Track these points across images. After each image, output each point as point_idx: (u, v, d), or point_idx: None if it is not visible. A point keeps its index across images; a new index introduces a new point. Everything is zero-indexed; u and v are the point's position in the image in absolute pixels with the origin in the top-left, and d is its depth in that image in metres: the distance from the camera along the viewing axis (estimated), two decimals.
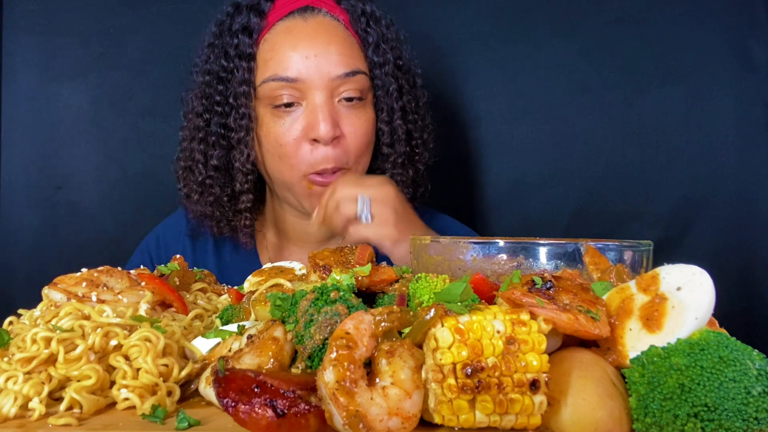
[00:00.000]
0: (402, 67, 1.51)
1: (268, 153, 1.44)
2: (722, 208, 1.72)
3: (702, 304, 0.68)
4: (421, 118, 1.55)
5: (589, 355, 0.68)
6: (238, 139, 1.44)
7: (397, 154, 1.49)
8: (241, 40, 1.42)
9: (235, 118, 1.44)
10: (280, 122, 1.41)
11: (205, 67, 1.47)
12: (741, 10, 1.71)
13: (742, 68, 1.71)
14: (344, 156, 1.41)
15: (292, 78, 1.38)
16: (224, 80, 1.45)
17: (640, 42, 1.76)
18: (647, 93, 1.76)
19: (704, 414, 0.59)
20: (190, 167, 1.51)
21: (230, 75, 1.44)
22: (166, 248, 1.64)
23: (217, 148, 1.47)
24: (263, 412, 0.61)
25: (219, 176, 1.49)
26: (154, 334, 0.77)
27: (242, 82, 1.41)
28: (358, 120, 1.43)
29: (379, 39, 1.47)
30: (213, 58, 1.46)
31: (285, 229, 1.60)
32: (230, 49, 1.43)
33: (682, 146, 1.74)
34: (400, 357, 0.64)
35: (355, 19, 1.47)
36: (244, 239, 1.53)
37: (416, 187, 1.58)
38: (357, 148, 1.43)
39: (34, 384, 0.72)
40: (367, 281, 0.86)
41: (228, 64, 1.44)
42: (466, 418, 0.62)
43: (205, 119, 1.48)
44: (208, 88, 1.47)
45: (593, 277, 0.85)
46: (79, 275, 0.93)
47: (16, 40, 1.93)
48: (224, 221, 1.52)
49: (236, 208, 1.50)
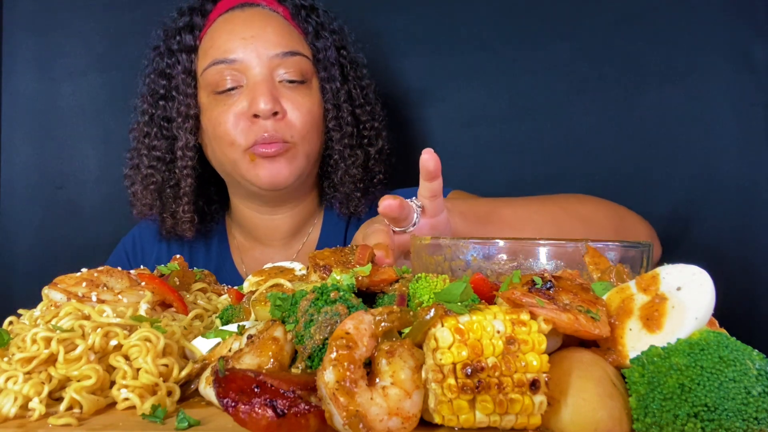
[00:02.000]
0: (346, 56, 1.56)
1: (212, 138, 1.47)
2: (722, 208, 1.72)
3: (702, 304, 0.68)
4: (369, 104, 1.59)
5: (589, 355, 0.68)
6: (178, 126, 1.49)
7: (344, 133, 1.52)
8: (183, 36, 1.50)
9: (177, 108, 1.49)
10: (222, 104, 1.44)
11: (150, 68, 1.55)
12: (741, 10, 1.70)
13: (742, 68, 1.71)
14: (287, 129, 1.43)
15: (231, 59, 1.43)
16: (167, 76, 1.51)
17: (639, 42, 1.76)
18: (647, 93, 1.76)
19: (704, 414, 0.59)
20: (136, 165, 1.56)
21: (173, 70, 1.50)
22: (142, 250, 1.68)
23: (159, 139, 1.52)
24: (263, 412, 0.61)
25: (161, 167, 1.53)
26: (154, 334, 0.77)
27: (184, 71, 1.48)
28: (301, 99, 1.46)
29: (319, 27, 1.53)
30: (158, 58, 1.53)
31: (249, 228, 1.63)
32: (174, 46, 1.50)
33: (682, 146, 1.74)
34: (400, 357, 0.64)
35: (294, 13, 1.52)
36: (184, 227, 1.55)
37: (370, 171, 1.60)
38: (301, 125, 1.45)
39: (34, 384, 0.72)
40: (367, 281, 0.86)
41: (171, 59, 1.50)
42: (466, 418, 0.62)
43: (149, 114, 1.53)
44: (152, 84, 1.53)
45: (593, 277, 0.85)
46: (79, 275, 0.93)
47: (16, 40, 1.93)
48: (167, 212, 1.55)
49: (177, 195, 1.53)
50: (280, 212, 1.58)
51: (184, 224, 1.54)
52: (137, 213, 1.59)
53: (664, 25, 1.75)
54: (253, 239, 1.64)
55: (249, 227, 1.62)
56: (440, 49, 1.85)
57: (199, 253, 1.65)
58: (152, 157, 1.52)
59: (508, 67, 1.83)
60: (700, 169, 1.74)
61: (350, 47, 1.58)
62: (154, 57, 1.54)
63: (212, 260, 1.64)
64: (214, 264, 1.63)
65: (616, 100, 1.78)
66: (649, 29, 1.75)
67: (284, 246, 1.62)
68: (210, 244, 1.66)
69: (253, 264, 1.62)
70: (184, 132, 1.48)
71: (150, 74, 1.54)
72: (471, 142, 1.86)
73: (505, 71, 1.83)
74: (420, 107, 1.87)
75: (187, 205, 1.52)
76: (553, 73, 1.80)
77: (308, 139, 1.47)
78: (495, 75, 1.84)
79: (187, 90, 1.47)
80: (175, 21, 1.53)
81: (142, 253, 1.67)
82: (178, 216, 1.53)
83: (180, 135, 1.48)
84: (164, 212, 1.55)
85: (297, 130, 1.44)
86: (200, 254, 1.65)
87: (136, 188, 1.56)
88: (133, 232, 1.71)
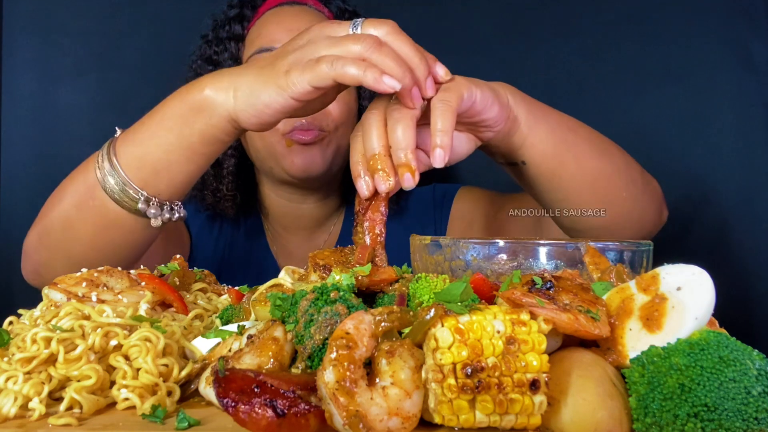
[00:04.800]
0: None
1: None
2: (722, 208, 1.72)
3: (702, 304, 0.68)
4: None
5: (589, 355, 0.68)
6: None
7: None
8: (232, 26, 1.55)
9: None
10: None
11: (198, 54, 1.59)
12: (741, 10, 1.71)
13: (742, 68, 1.71)
14: (323, 118, 1.46)
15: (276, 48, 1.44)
16: (214, 62, 1.55)
17: (640, 42, 1.76)
18: (647, 93, 1.76)
19: (704, 414, 0.59)
20: None
21: (220, 56, 1.55)
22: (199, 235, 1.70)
23: None
24: (263, 412, 0.61)
25: None
26: (154, 334, 0.77)
27: (230, 58, 1.53)
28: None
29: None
30: (206, 46, 1.58)
31: (277, 215, 1.66)
32: (222, 35, 1.55)
33: (682, 146, 1.74)
34: (400, 357, 0.64)
35: (338, 16, 1.58)
36: (226, 205, 1.60)
37: None
38: (337, 114, 1.48)
39: (34, 384, 0.72)
40: (367, 281, 0.86)
41: (219, 47, 1.55)
42: (466, 418, 0.62)
43: None
44: (198, 69, 1.56)
45: (593, 277, 0.85)
46: (79, 275, 0.93)
47: (16, 40, 1.93)
48: (208, 190, 1.59)
49: (220, 174, 1.58)
50: (309, 201, 1.62)
51: (226, 201, 1.59)
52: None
53: (664, 25, 1.75)
54: (280, 227, 1.68)
55: (277, 214, 1.66)
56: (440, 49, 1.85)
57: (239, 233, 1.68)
58: None
59: (508, 67, 1.83)
60: (700, 169, 1.74)
61: None
62: (202, 45, 1.60)
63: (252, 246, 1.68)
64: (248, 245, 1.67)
65: (616, 100, 1.78)
66: (649, 29, 1.75)
67: (308, 236, 1.67)
68: (249, 231, 1.69)
69: (281, 251, 1.67)
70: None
71: (197, 60, 1.59)
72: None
73: (505, 71, 1.83)
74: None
75: (230, 183, 1.57)
76: (553, 73, 1.80)
77: (342, 131, 1.50)
78: (495, 75, 1.83)
79: None
80: (225, 12, 1.59)
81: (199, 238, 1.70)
82: (221, 194, 1.58)
83: None
84: (205, 189, 1.59)
85: (332, 119, 1.48)
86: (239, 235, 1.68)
87: None
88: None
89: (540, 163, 1.12)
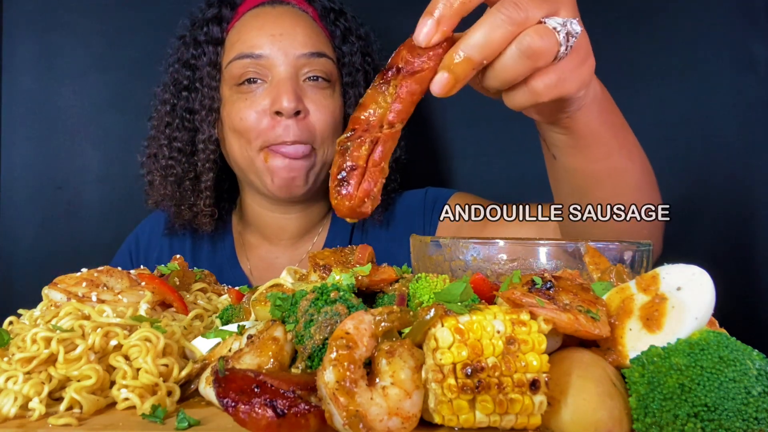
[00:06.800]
0: (370, 63, 1.55)
1: (230, 131, 1.46)
2: (722, 208, 1.72)
3: (702, 304, 0.68)
4: None
5: (589, 355, 0.68)
6: (201, 119, 1.47)
7: None
8: (210, 28, 1.48)
9: (200, 100, 1.47)
10: (244, 98, 1.43)
11: (175, 57, 1.53)
12: (741, 10, 1.70)
13: (743, 67, 1.71)
14: (307, 132, 1.42)
15: (257, 54, 1.41)
16: (192, 66, 1.50)
17: (639, 41, 1.76)
18: (647, 92, 1.76)
19: (704, 414, 0.59)
20: (155, 154, 1.54)
21: (198, 61, 1.49)
22: (146, 248, 1.66)
23: (181, 131, 1.50)
24: (263, 412, 0.61)
25: (182, 158, 1.51)
26: (154, 334, 0.77)
27: (209, 64, 1.47)
28: (323, 99, 1.45)
29: (347, 31, 1.52)
30: (183, 48, 1.51)
31: (259, 225, 1.61)
32: (200, 37, 1.48)
33: (682, 146, 1.74)
34: (400, 357, 0.64)
35: (323, 15, 1.52)
36: (204, 221, 1.53)
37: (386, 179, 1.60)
38: (322, 127, 1.44)
39: (34, 384, 0.72)
40: (367, 281, 0.86)
41: (197, 50, 1.49)
42: (466, 418, 0.62)
43: (171, 104, 1.51)
44: (176, 74, 1.51)
45: (593, 277, 0.85)
46: (79, 275, 0.93)
47: (16, 40, 1.93)
48: (185, 204, 1.53)
49: (198, 188, 1.51)
50: (292, 212, 1.57)
51: (204, 217, 1.53)
52: (152, 203, 1.57)
53: (664, 25, 1.75)
54: (261, 237, 1.62)
55: (258, 225, 1.61)
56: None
57: (203, 250, 1.63)
58: (173, 148, 1.50)
59: None
60: (700, 169, 1.74)
61: (375, 55, 1.57)
62: (179, 47, 1.53)
63: (216, 257, 1.63)
64: (218, 261, 1.62)
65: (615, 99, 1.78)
66: (649, 28, 1.75)
67: (291, 246, 1.61)
68: (215, 240, 1.63)
69: (259, 263, 1.61)
70: (207, 125, 1.47)
71: (174, 63, 1.53)
72: (471, 142, 1.86)
73: None
74: (420, 108, 1.86)
75: (208, 198, 1.51)
76: None
77: (327, 143, 1.46)
78: None
79: (212, 83, 1.46)
80: (202, 11, 1.52)
81: (145, 251, 1.65)
82: (198, 209, 1.52)
83: (203, 128, 1.47)
84: (182, 204, 1.53)
85: (318, 134, 1.43)
86: (204, 251, 1.63)
87: (153, 178, 1.54)
88: (137, 231, 1.70)
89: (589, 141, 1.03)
